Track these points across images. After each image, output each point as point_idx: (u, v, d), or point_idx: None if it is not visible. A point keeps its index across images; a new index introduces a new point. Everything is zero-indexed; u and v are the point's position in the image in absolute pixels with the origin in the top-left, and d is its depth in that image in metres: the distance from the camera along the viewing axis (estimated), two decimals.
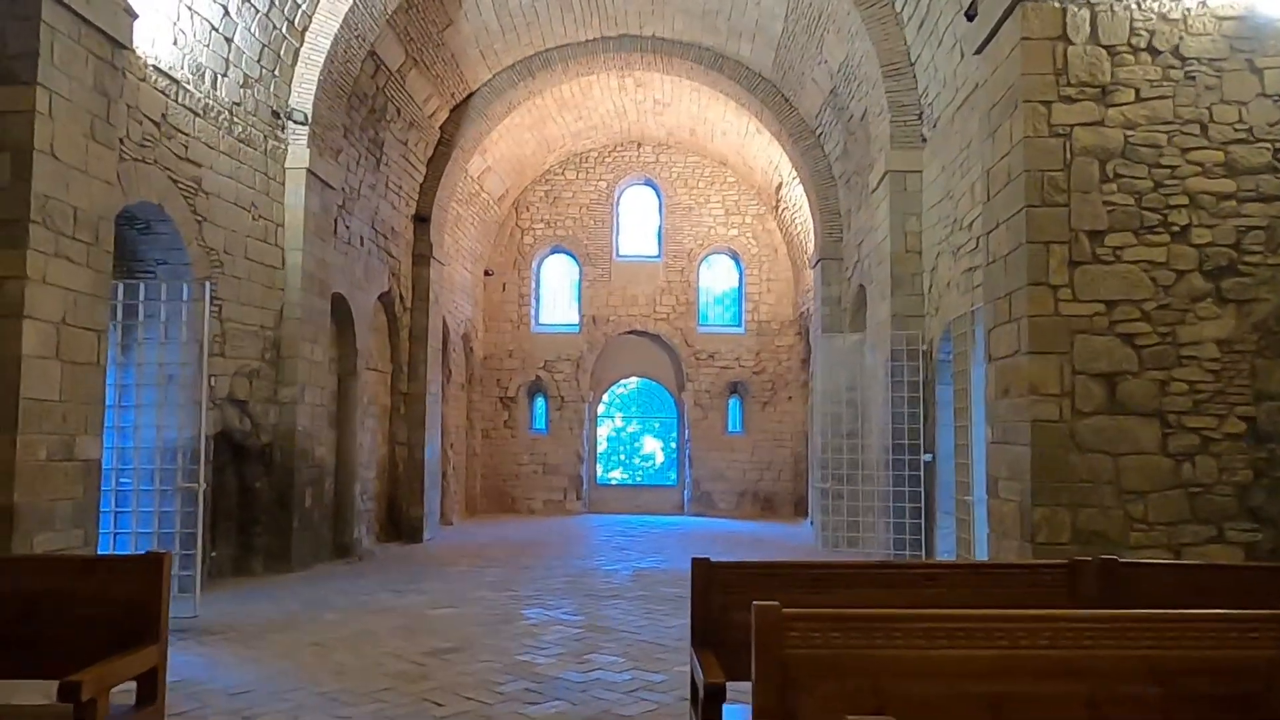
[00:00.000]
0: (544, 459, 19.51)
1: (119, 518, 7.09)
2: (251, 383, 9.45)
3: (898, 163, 9.68)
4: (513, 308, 19.81)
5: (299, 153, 10.09)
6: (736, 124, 17.12)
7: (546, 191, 19.94)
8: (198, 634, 6.77)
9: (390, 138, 13.03)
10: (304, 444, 10.16)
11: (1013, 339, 5.92)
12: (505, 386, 19.57)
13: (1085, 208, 5.72)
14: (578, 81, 16.00)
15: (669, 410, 20.26)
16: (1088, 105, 5.76)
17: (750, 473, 19.49)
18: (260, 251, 9.63)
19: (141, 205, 7.66)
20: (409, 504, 14.12)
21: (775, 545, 14.21)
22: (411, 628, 7.27)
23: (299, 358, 10.04)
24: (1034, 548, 5.58)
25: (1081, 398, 5.64)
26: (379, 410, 13.61)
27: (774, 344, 19.60)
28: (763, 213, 19.65)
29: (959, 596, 3.36)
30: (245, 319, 9.32)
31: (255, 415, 9.53)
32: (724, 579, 3.46)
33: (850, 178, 13.48)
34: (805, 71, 13.25)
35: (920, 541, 9.19)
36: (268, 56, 9.54)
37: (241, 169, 9.26)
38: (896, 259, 9.64)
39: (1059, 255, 5.71)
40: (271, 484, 9.80)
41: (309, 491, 10.30)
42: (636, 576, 10.29)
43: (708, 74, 14.95)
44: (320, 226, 10.60)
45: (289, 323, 10.01)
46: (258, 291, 9.57)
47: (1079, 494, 5.60)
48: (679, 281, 19.78)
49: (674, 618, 7.74)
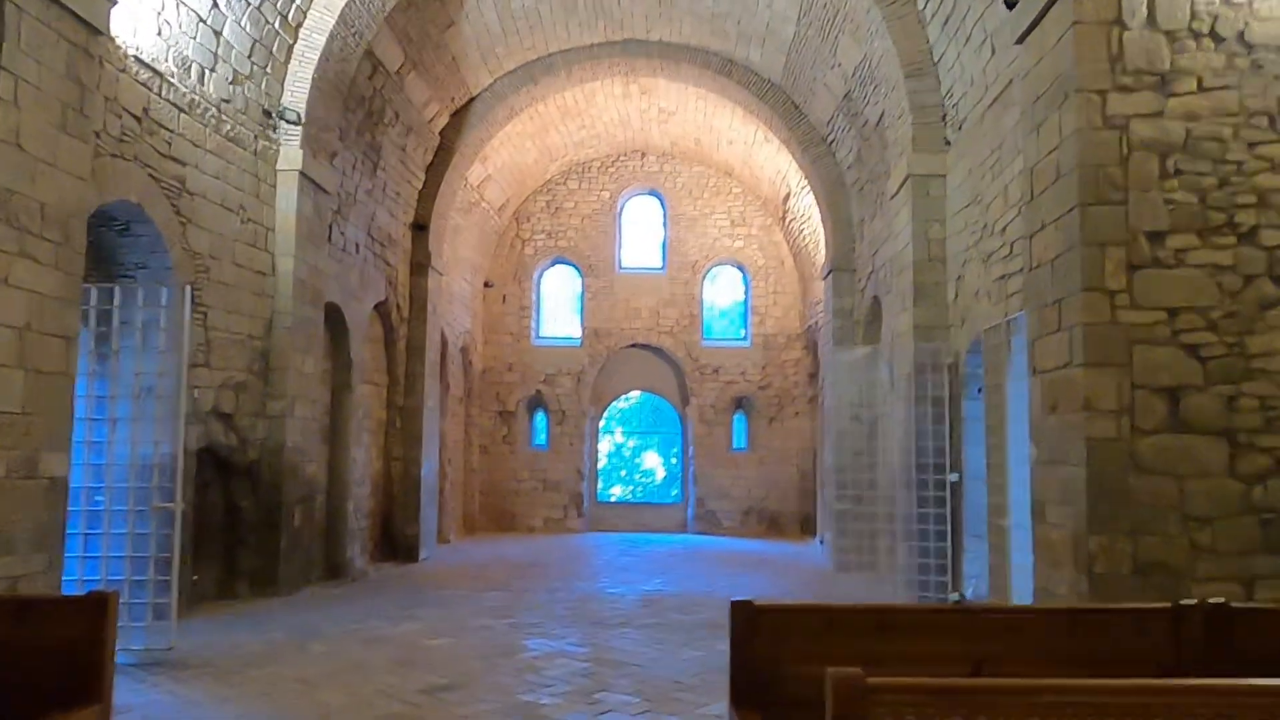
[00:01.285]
0: (544, 475, 18.98)
1: (89, 540, 6.55)
2: (238, 396, 8.93)
3: (920, 167, 9.21)
4: (513, 320, 19.32)
5: (291, 154, 9.61)
6: (743, 132, 16.69)
7: (548, 201, 19.49)
8: (172, 669, 6.22)
9: (388, 142, 12.57)
10: (294, 460, 9.64)
11: (1063, 350, 5.43)
12: (504, 401, 19.06)
13: (1144, 206, 5.24)
14: (581, 88, 15.57)
15: (672, 426, 19.75)
16: (1146, 95, 5.29)
17: (756, 490, 18.97)
18: (249, 257, 9.14)
19: (120, 204, 7.17)
20: (405, 522, 13.58)
21: (785, 566, 13.66)
22: (406, 660, 6.73)
23: (289, 369, 9.52)
24: (1090, 579, 5.07)
25: (1141, 414, 5.14)
26: (374, 425, 13.09)
27: (780, 358, 19.12)
28: (769, 224, 19.21)
29: (1052, 648, 2.85)
30: (232, 328, 8.82)
31: (242, 430, 9.01)
32: (771, 625, 2.94)
33: (864, 186, 13.02)
34: (817, 76, 12.82)
35: (946, 567, 8.66)
36: (259, 52, 9.07)
37: (230, 169, 8.77)
38: (919, 267, 9.15)
39: (1116, 258, 5.22)
40: (258, 502, 9.27)
41: (298, 510, 9.77)
42: (645, 601, 9.75)
43: (716, 80, 14.52)
44: (313, 232, 10.11)
45: (279, 332, 9.50)
46: (246, 299, 9.07)
47: (1140, 520, 5.09)
48: (683, 294, 19.31)
49: (689, 649, 7.20)
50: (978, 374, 8.64)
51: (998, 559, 7.30)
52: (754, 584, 11.65)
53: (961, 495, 8.66)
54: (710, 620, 8.53)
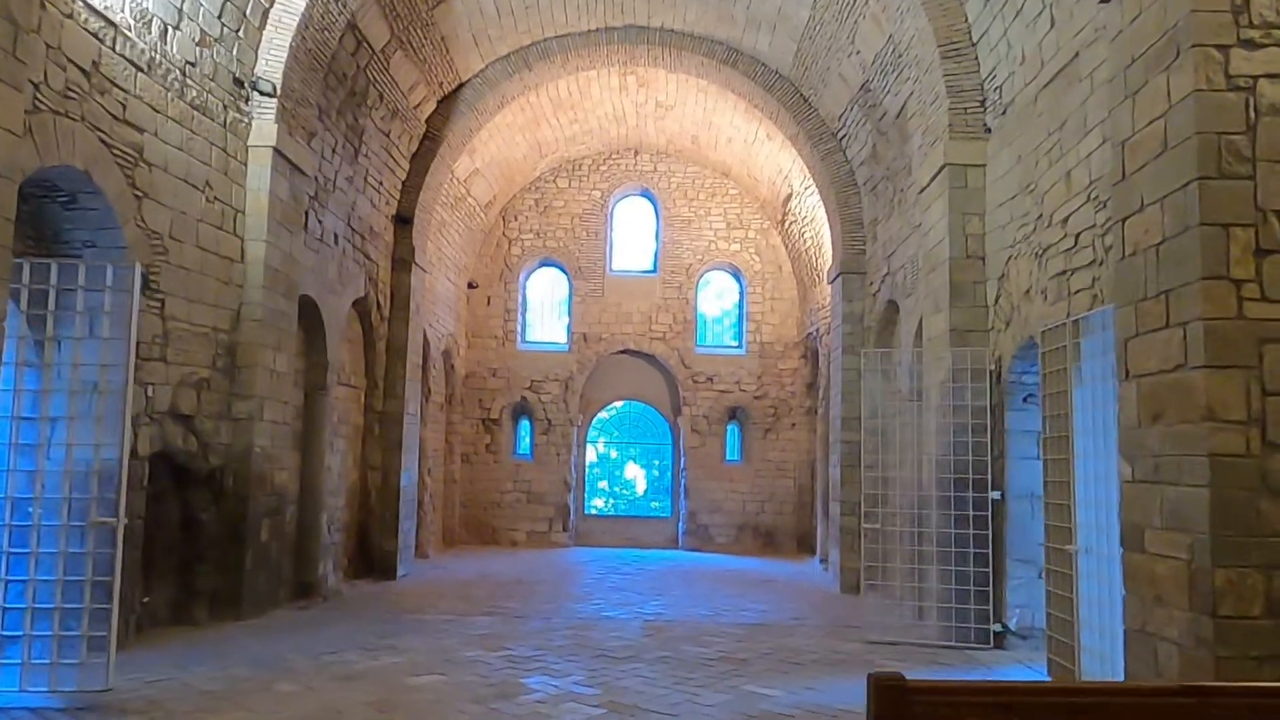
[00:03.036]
0: (528, 487, 18.02)
1: (13, 561, 5.57)
2: (200, 395, 7.96)
3: (957, 155, 8.43)
4: (498, 323, 18.39)
5: (265, 129, 8.68)
6: (745, 129, 15.91)
7: (537, 200, 18.61)
8: (107, 716, 5.25)
9: (371, 126, 11.64)
10: (261, 467, 8.67)
11: (1172, 350, 4.62)
12: (488, 408, 18.10)
13: (1276, 181, 4.45)
14: (576, 78, 14.72)
15: (663, 436, 18.86)
16: (1276, 52, 4.51)
17: (750, 505, 18.12)
18: (215, 240, 8.18)
19: (64, 171, 6.21)
20: (382, 536, 12.59)
21: (787, 587, 12.82)
22: (386, 703, 5.79)
23: (258, 367, 8.57)
24: (1215, 623, 4.25)
25: (1275, 426, 4.33)
26: (350, 430, 12.12)
27: (777, 367, 18.31)
28: (767, 227, 18.43)
29: None
30: (194, 318, 7.86)
31: (203, 433, 8.04)
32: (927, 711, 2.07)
33: (878, 184, 12.26)
34: (831, 66, 12.05)
35: (986, 594, 7.82)
36: (230, 13, 8.14)
37: (195, 141, 7.83)
38: (956, 266, 8.35)
39: (1242, 241, 4.42)
40: (221, 514, 8.29)
41: (266, 523, 8.80)
42: (649, 629, 8.85)
43: (720, 70, 13.73)
44: (288, 216, 9.17)
45: (248, 325, 8.54)
46: (211, 287, 8.12)
47: (1273, 552, 4.28)
48: (676, 299, 18.47)
49: (710, 691, 6.31)
50: (1023, 382, 7.85)
51: (1059, 588, 6.48)
52: (759, 606, 10.80)
53: (1004, 515, 7.84)
54: (726, 653, 7.66)
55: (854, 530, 12.64)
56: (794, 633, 8.96)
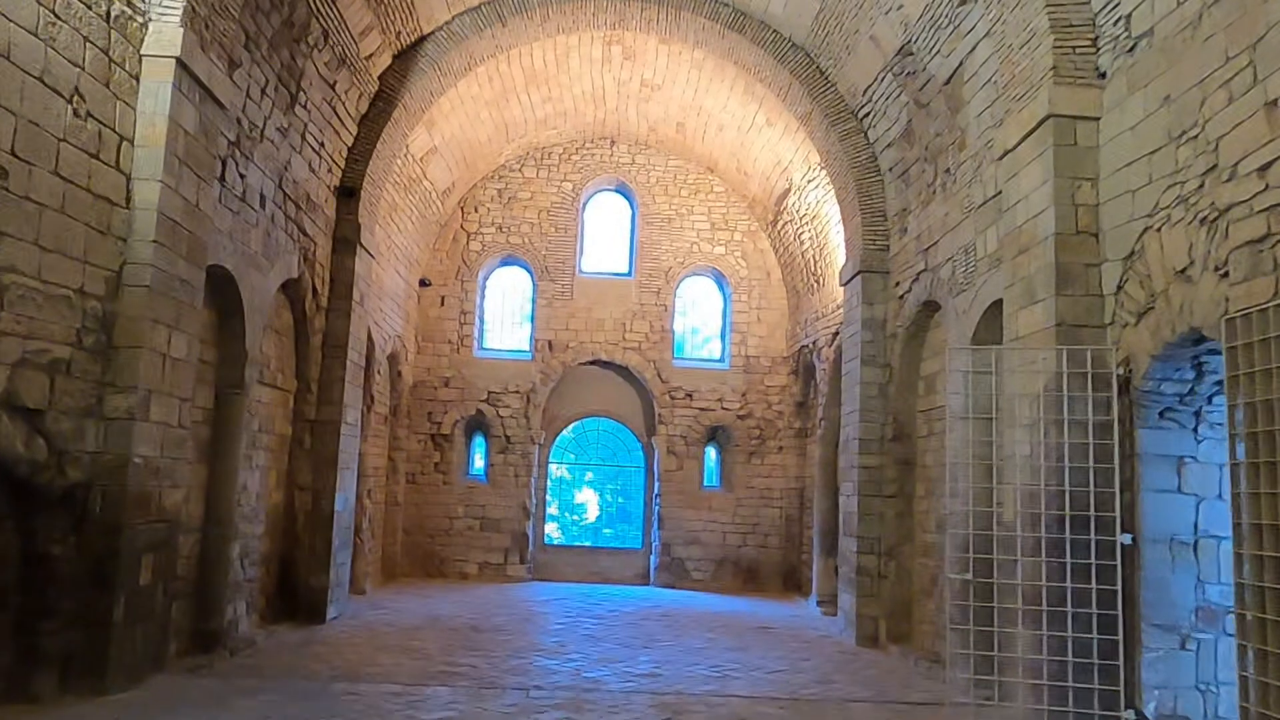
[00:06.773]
0: (482, 512, 15.85)
1: None
2: (54, 382, 5.75)
3: (1065, 104, 6.64)
4: (452, 327, 16.25)
5: (167, 33, 6.52)
6: (740, 114, 14.12)
7: (500, 190, 16.58)
8: None
9: (312, 70, 9.53)
10: (144, 485, 6.45)
11: None
12: (438, 422, 15.91)
13: None
14: (554, 44, 12.79)
15: (635, 458, 16.83)
16: None
17: (731, 536, 16.19)
18: (86, 170, 6.00)
19: None
20: (310, 571, 10.33)
21: (790, 637, 10.88)
22: None
23: (144, 349, 6.37)
24: None
25: None
26: (275, 442, 9.88)
27: (763, 383, 16.47)
28: (755, 229, 16.65)
29: None
30: (49, 274, 5.66)
31: (58, 436, 5.82)
32: None
33: (910, 167, 10.51)
34: (861, 28, 10.28)
35: (1114, 670, 5.92)
36: None
37: (59, 30, 5.67)
38: (1062, 244, 6.54)
39: None
40: (82, 549, 6.04)
41: (148, 559, 6.55)
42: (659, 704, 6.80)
43: (723, 37, 11.91)
44: (196, 157, 7.01)
45: (132, 292, 6.34)
46: (77, 234, 5.92)
47: None
48: (654, 305, 16.55)
49: None
50: (1161, 392, 6.04)
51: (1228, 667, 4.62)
52: (770, 664, 8.88)
53: (1136, 565, 5.99)
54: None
55: (873, 572, 10.79)
56: (850, 712, 7.01)
